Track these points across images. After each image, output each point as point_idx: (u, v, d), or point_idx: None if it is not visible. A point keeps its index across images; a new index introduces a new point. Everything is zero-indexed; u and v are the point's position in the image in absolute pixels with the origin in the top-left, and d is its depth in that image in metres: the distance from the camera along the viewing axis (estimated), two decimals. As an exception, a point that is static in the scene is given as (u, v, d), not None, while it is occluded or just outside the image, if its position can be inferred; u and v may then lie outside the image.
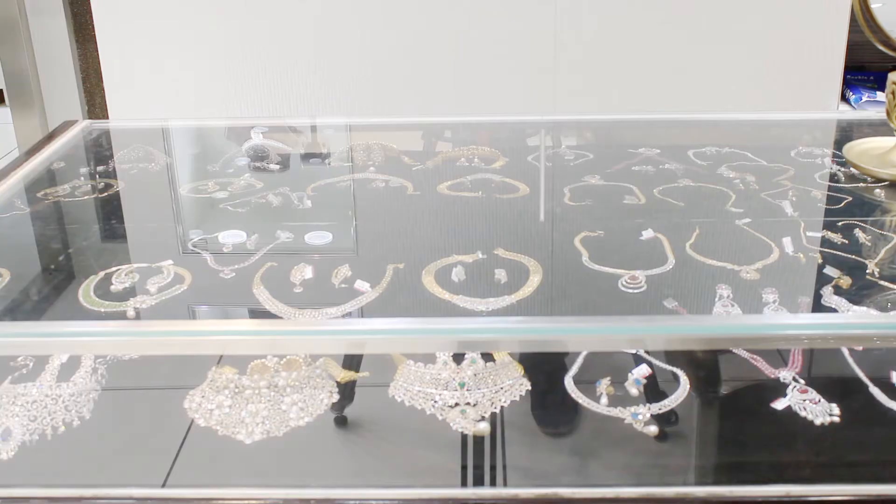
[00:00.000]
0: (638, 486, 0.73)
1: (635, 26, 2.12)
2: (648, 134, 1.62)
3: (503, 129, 1.67)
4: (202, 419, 0.81)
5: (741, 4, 2.10)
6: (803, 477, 0.74)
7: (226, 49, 2.14)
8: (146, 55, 2.15)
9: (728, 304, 0.97)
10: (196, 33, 2.14)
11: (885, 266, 1.05)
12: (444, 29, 2.13)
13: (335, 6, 2.11)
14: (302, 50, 2.15)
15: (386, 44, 2.14)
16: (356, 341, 0.86)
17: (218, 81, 2.17)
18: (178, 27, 2.13)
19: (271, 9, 2.12)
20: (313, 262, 1.07)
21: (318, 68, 2.16)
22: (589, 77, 2.16)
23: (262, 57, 2.15)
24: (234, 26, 2.13)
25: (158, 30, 2.13)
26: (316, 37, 2.14)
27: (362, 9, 2.11)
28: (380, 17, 2.12)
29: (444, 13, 2.12)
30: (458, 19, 2.12)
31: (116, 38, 2.15)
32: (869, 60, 2.80)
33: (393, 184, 1.35)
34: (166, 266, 1.06)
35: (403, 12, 2.12)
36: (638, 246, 1.11)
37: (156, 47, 2.15)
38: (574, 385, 0.84)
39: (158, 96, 2.18)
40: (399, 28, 2.13)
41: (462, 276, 1.02)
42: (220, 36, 2.14)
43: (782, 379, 0.85)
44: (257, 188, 1.34)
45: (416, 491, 0.73)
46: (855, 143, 1.40)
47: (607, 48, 2.14)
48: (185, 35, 2.14)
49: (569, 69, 2.15)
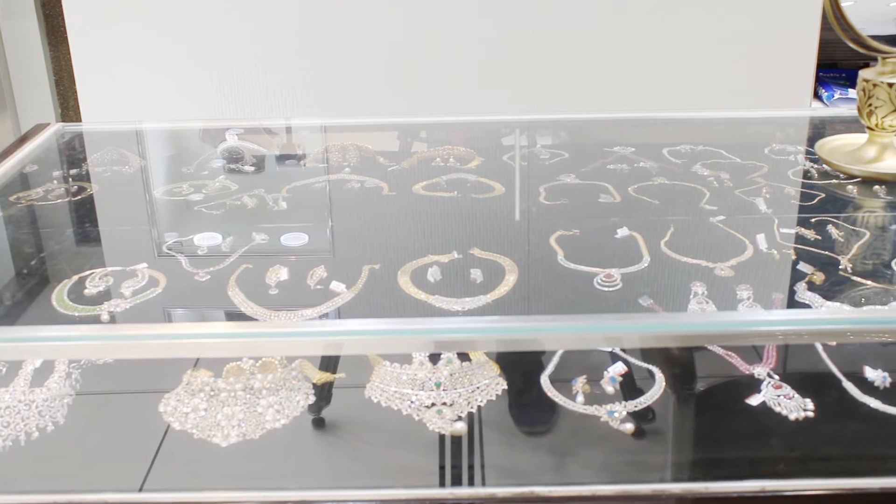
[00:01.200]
0: (614, 483, 0.73)
1: (610, 26, 2.13)
2: (623, 133, 1.62)
3: (478, 129, 1.67)
4: (177, 423, 0.81)
5: (715, 4, 2.11)
6: (778, 472, 0.75)
7: (200, 51, 2.13)
8: (119, 57, 2.14)
9: (703, 301, 0.97)
10: (169, 35, 2.12)
11: (858, 262, 1.06)
12: (420, 29, 2.13)
13: (310, 8, 2.11)
14: (277, 51, 2.14)
15: (361, 44, 2.13)
16: (332, 343, 0.86)
17: (192, 83, 2.16)
18: (152, 29, 2.12)
19: (246, 10, 2.11)
20: (289, 264, 1.07)
21: (292, 69, 2.16)
22: (564, 76, 2.16)
23: (237, 58, 2.14)
24: (207, 28, 2.12)
25: (131, 32, 2.12)
26: (291, 38, 2.14)
27: (337, 10, 2.11)
28: (355, 18, 2.12)
29: (419, 13, 2.12)
30: (433, 20, 2.12)
31: (89, 40, 2.13)
32: (841, 58, 2.82)
33: (368, 184, 1.34)
34: (141, 269, 1.06)
35: (379, 13, 2.11)
36: (613, 244, 1.11)
37: (129, 50, 2.13)
38: (550, 384, 0.84)
39: (132, 98, 2.16)
40: (374, 29, 2.13)
41: (438, 277, 1.02)
42: (193, 38, 2.13)
43: (757, 375, 0.85)
44: (232, 190, 1.33)
45: (393, 492, 0.73)
46: (827, 139, 1.41)
47: (582, 48, 2.15)
48: (159, 37, 2.13)
49: (544, 68, 2.15)
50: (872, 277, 1.02)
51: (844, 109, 1.70)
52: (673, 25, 2.13)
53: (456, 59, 2.14)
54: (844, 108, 1.72)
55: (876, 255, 1.08)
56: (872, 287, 1.00)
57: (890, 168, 1.30)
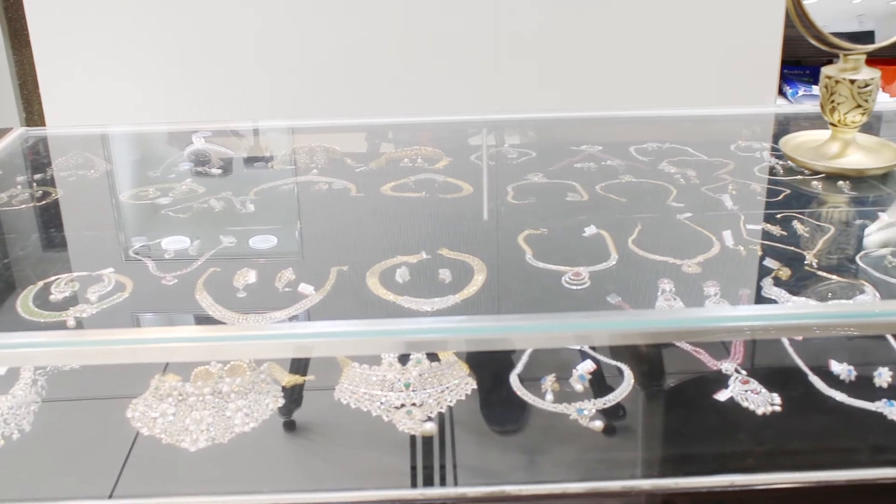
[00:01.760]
0: (585, 480, 0.74)
1: (576, 25, 2.13)
2: (590, 131, 1.63)
3: (446, 129, 1.67)
4: (146, 428, 0.80)
5: (680, 3, 2.12)
6: (746, 466, 0.75)
7: (166, 54, 2.12)
8: (84, 61, 2.12)
9: (670, 298, 0.97)
10: (135, 38, 2.11)
11: (823, 257, 1.07)
12: (385, 30, 2.13)
13: (276, 9, 2.10)
14: (243, 53, 2.13)
15: (327, 45, 2.13)
16: (300, 345, 0.85)
17: (158, 86, 2.15)
18: (116, 32, 2.10)
19: (210, 13, 2.10)
20: (257, 267, 1.06)
21: (260, 71, 2.15)
22: (531, 76, 2.17)
23: (203, 61, 2.13)
24: (172, 30, 2.11)
25: (95, 35, 2.10)
26: (257, 40, 2.13)
27: (303, 11, 2.10)
28: (320, 19, 2.11)
29: (384, 14, 2.12)
30: (398, 20, 2.12)
31: (52, 43, 2.11)
32: (805, 55, 2.85)
33: (336, 186, 1.34)
34: (107, 274, 1.05)
35: (344, 14, 2.11)
36: (581, 243, 1.12)
37: (93, 53, 2.12)
38: (520, 382, 0.85)
39: (97, 102, 2.15)
40: (340, 29, 2.12)
41: (406, 277, 1.02)
42: (158, 40, 2.12)
43: (724, 370, 0.86)
44: (199, 193, 1.32)
45: (364, 493, 0.73)
46: (791, 136, 1.42)
47: (548, 47, 2.15)
48: (124, 40, 2.11)
49: (511, 68, 2.15)
50: (837, 272, 1.03)
51: (809, 106, 1.72)
52: (638, 25, 2.14)
53: (422, 59, 2.14)
54: (809, 105, 1.74)
55: (841, 250, 1.09)
56: (838, 281, 1.01)
57: (853, 164, 1.31)
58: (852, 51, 1.28)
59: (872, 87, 1.28)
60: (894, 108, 1.84)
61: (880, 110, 1.67)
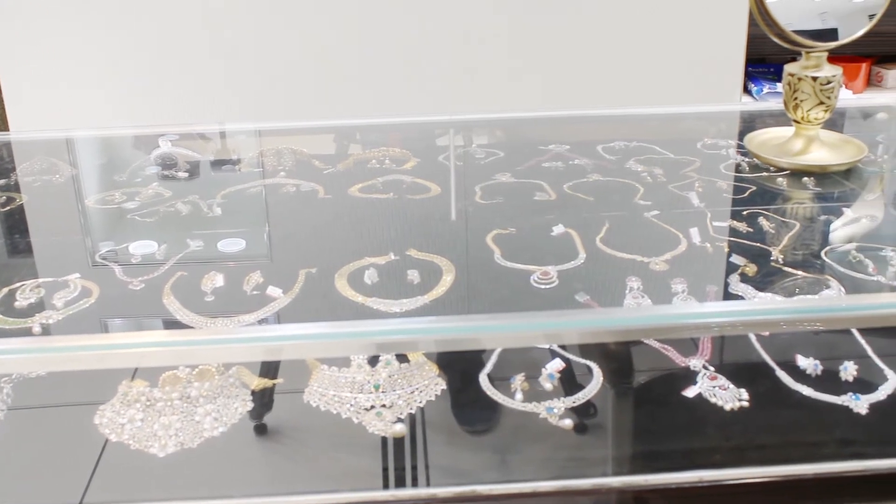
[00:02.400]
0: (555, 479, 0.74)
1: (543, 26, 2.14)
2: (558, 131, 1.63)
3: (414, 130, 1.67)
4: (114, 434, 0.79)
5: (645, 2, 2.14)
6: (715, 462, 0.76)
7: (130, 57, 2.11)
8: (47, 65, 2.10)
9: (638, 296, 0.98)
10: (98, 42, 2.09)
11: (789, 253, 1.08)
12: (352, 30, 2.12)
13: (241, 11, 2.09)
14: (210, 55, 2.12)
15: (294, 47, 2.12)
16: (269, 348, 0.85)
17: (124, 90, 2.13)
18: (80, 36, 2.09)
19: (175, 15, 2.08)
20: (224, 270, 1.06)
21: (227, 74, 2.14)
22: (499, 76, 2.17)
23: (169, 63, 2.12)
24: (137, 34, 2.09)
25: (59, 40, 2.09)
26: (222, 42, 2.12)
27: (268, 12, 2.10)
28: (287, 21, 2.10)
29: (351, 14, 2.11)
30: (365, 20, 2.12)
31: (15, 47, 2.09)
32: (769, 53, 2.88)
33: (304, 188, 1.34)
34: (73, 280, 1.04)
35: (309, 14, 2.10)
36: (549, 242, 1.12)
37: (57, 57, 2.10)
38: (489, 382, 0.85)
39: (61, 107, 2.13)
40: (305, 30, 2.12)
41: (375, 279, 1.02)
42: (123, 44, 2.10)
43: (692, 367, 0.87)
44: (166, 197, 1.32)
45: (336, 496, 0.73)
46: (756, 133, 1.43)
47: (516, 47, 2.16)
48: (87, 44, 2.09)
49: (478, 68, 2.16)
50: (803, 268, 1.04)
51: (773, 103, 1.73)
52: (604, 25, 2.15)
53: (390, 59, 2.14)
54: (773, 102, 1.76)
55: (806, 246, 1.10)
56: (803, 277, 1.02)
57: (816, 160, 1.32)
58: (814, 48, 1.29)
59: (834, 84, 1.30)
60: (857, 105, 1.86)
61: (843, 107, 1.69)
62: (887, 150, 1.45)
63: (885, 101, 1.69)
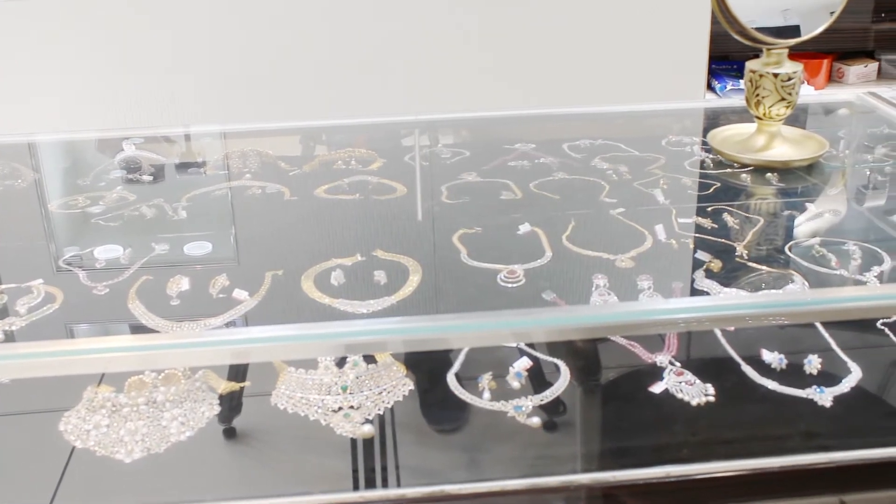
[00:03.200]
0: (524, 477, 0.74)
1: (508, 24, 2.14)
2: (524, 129, 1.64)
3: (380, 131, 1.67)
4: (79, 441, 0.79)
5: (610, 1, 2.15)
6: (682, 457, 0.76)
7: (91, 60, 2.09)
8: (7, 68, 2.08)
9: (605, 293, 0.98)
10: (59, 44, 2.07)
11: (753, 248, 1.09)
12: (317, 31, 2.12)
13: (202, 13, 2.08)
14: (173, 58, 2.11)
15: (258, 48, 2.11)
16: (235, 351, 0.85)
17: (85, 93, 2.11)
18: (41, 39, 2.07)
19: (136, 18, 2.07)
20: (190, 274, 1.05)
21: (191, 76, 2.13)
22: (464, 75, 2.17)
23: (132, 66, 2.10)
24: (99, 36, 2.07)
25: (19, 42, 2.06)
26: (186, 44, 2.10)
27: (230, 14, 2.09)
28: (248, 22, 2.09)
29: (315, 15, 2.11)
30: (330, 21, 2.11)
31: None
32: (732, 50, 2.90)
33: (270, 190, 1.33)
34: (36, 285, 1.03)
35: (273, 15, 2.09)
36: (515, 240, 1.12)
37: (16, 60, 2.08)
38: (457, 382, 0.85)
39: (22, 111, 2.10)
40: (270, 32, 2.11)
41: (342, 280, 1.02)
42: (83, 46, 2.08)
43: (659, 363, 0.87)
44: (130, 201, 1.31)
45: (305, 498, 0.73)
46: (718, 130, 1.44)
47: (481, 46, 2.16)
48: (48, 47, 2.07)
49: (444, 67, 2.16)
50: (767, 263, 1.05)
51: (737, 100, 1.74)
52: (569, 22, 2.16)
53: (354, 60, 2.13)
54: (737, 99, 1.76)
55: (769, 241, 1.11)
56: (768, 272, 1.03)
57: (779, 156, 1.33)
58: (775, 45, 1.30)
59: (795, 80, 1.31)
60: (819, 101, 1.87)
61: (805, 103, 1.71)
62: (849, 145, 1.47)
63: (846, 96, 1.71)
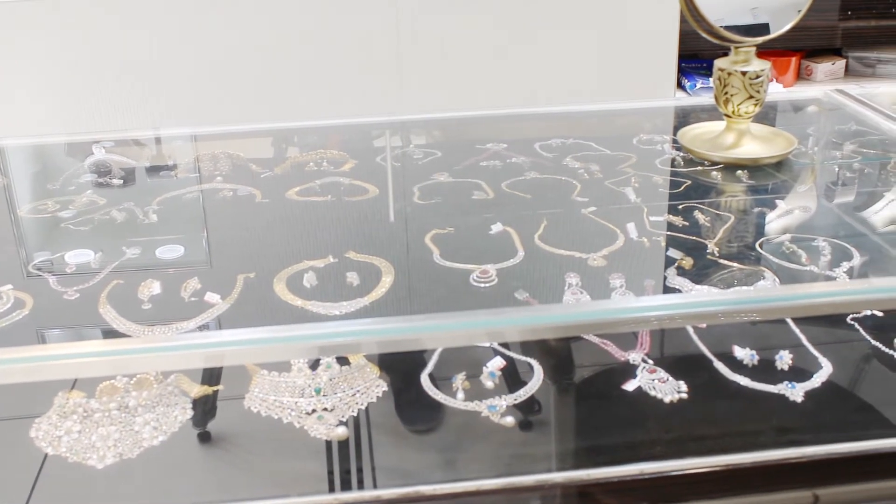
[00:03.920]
0: (499, 476, 0.74)
1: (478, 23, 2.15)
2: (495, 129, 1.64)
3: (352, 132, 1.66)
4: (50, 447, 0.78)
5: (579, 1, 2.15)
6: (655, 454, 0.77)
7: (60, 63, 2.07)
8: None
9: (577, 292, 0.99)
10: (27, 48, 2.06)
11: (724, 245, 1.09)
12: (287, 32, 2.11)
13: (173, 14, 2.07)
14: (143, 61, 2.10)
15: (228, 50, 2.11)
16: (208, 355, 0.84)
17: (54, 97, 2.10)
18: (8, 42, 2.05)
19: (104, 21, 2.06)
20: (161, 278, 1.05)
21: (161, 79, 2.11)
22: (435, 75, 2.17)
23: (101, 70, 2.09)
24: (68, 39, 2.06)
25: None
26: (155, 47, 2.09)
27: (202, 15, 2.08)
28: (220, 23, 2.09)
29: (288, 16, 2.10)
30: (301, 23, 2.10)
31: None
32: (702, 49, 2.90)
33: (241, 192, 1.33)
34: (5, 291, 1.02)
35: (245, 18, 2.09)
36: (488, 240, 1.13)
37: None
38: (431, 382, 0.85)
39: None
40: (242, 35, 2.10)
41: (314, 282, 1.01)
42: (52, 50, 2.07)
43: (632, 361, 0.87)
44: (101, 205, 1.30)
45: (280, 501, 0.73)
46: (688, 128, 1.45)
47: (451, 46, 2.16)
48: (16, 50, 2.06)
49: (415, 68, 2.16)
50: (738, 260, 1.06)
51: (706, 98, 1.75)
52: (538, 22, 2.16)
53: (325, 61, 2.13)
54: (707, 97, 1.77)
55: (740, 238, 1.12)
56: (739, 269, 1.04)
57: (748, 153, 1.34)
58: (742, 43, 1.31)
59: (763, 78, 1.32)
60: (787, 98, 1.89)
61: (774, 100, 1.72)
62: (817, 142, 1.48)
63: (814, 94, 1.72)
